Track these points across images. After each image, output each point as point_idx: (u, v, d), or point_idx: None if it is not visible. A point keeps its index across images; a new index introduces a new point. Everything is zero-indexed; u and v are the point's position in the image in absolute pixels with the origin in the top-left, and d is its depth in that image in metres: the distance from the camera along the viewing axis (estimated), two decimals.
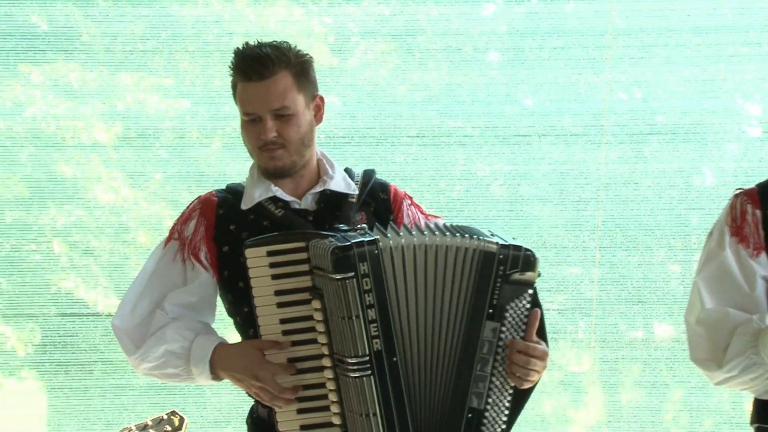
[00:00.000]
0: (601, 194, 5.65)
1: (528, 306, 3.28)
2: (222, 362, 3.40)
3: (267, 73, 3.39)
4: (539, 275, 3.32)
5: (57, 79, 5.71)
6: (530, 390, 3.35)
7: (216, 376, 3.43)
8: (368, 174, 3.58)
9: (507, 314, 3.25)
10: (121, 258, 5.73)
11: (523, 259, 3.25)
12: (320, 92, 3.60)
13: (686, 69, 5.73)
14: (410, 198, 3.59)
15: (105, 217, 5.71)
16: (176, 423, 4.04)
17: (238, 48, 3.44)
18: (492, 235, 3.32)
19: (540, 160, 5.71)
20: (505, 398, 3.30)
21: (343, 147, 5.60)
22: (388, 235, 3.22)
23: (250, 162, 3.63)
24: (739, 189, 3.48)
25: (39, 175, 5.71)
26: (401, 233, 3.24)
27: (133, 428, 4.03)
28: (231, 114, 5.38)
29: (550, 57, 5.74)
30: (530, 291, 3.28)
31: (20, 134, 5.69)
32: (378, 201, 3.51)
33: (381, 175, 3.67)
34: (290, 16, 5.75)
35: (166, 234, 3.65)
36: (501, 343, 3.26)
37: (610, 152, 5.68)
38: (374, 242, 3.18)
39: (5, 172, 5.70)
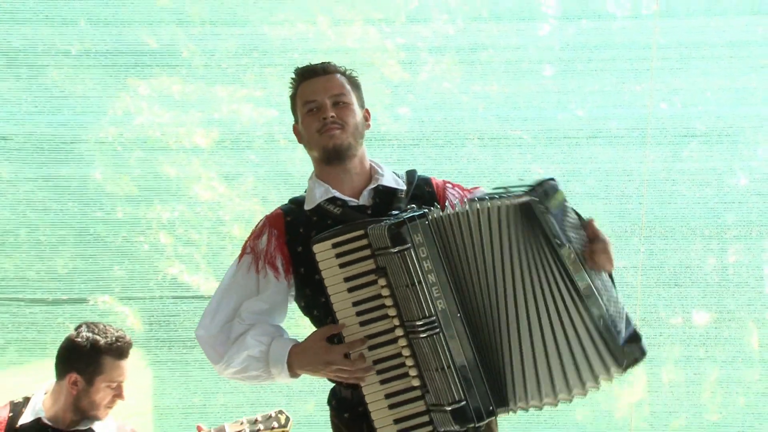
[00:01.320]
0: (644, 191, 5.62)
1: (575, 215, 3.28)
2: (296, 361, 3.41)
3: (329, 70, 3.53)
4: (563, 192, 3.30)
5: (161, 91, 5.74)
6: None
7: (293, 374, 3.45)
8: (411, 173, 3.60)
9: (568, 233, 3.22)
10: (218, 248, 5.75)
11: (549, 190, 3.23)
12: (393, 102, 3.62)
13: (721, 79, 5.70)
14: (450, 182, 3.61)
15: (204, 213, 5.76)
16: (282, 421, 4.12)
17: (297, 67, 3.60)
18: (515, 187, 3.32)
19: (588, 159, 5.68)
20: (609, 287, 3.31)
21: (412, 149, 5.60)
22: (433, 208, 3.29)
23: None
24: None
25: (146, 175, 5.74)
26: (447, 208, 3.29)
27: (245, 422, 4.11)
28: None
29: (598, 69, 5.73)
30: (567, 204, 3.27)
31: (130, 140, 5.73)
32: (425, 194, 3.51)
33: (447, 173, 3.73)
34: (366, 35, 5.76)
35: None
36: (581, 253, 3.23)
37: (652, 153, 5.63)
38: (424, 215, 3.23)
39: (117, 173, 5.72)
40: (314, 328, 3.48)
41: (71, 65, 5.70)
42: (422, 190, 3.54)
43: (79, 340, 4.25)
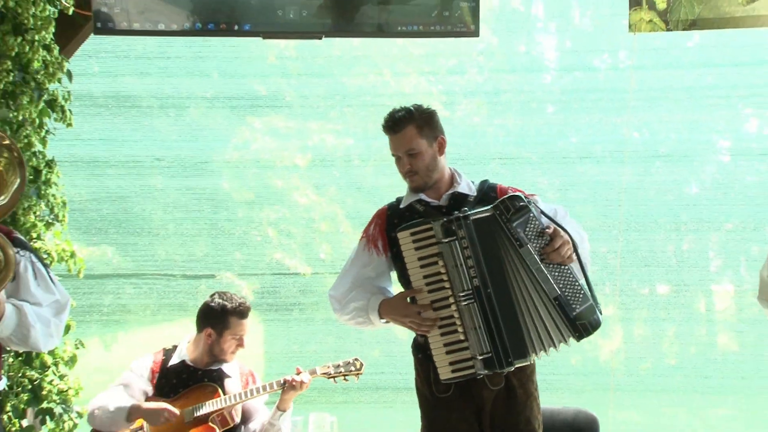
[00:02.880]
0: (622, 197, 5.66)
1: (537, 221, 3.35)
2: (384, 311, 3.55)
3: (398, 129, 3.55)
4: (530, 202, 3.37)
5: (270, 125, 5.83)
6: (581, 260, 3.40)
7: (385, 320, 3.59)
8: (482, 182, 3.66)
9: (528, 236, 3.34)
10: (310, 239, 5.85)
11: (510, 203, 3.37)
12: None
13: (679, 114, 5.73)
14: (512, 188, 3.61)
15: (300, 214, 5.84)
16: (357, 366, 4.31)
17: (387, 114, 3.60)
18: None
19: (581, 174, 5.75)
20: (568, 275, 3.37)
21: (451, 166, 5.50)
22: (474, 209, 3.39)
23: (392, 179, 3.76)
24: None
25: (259, 186, 5.85)
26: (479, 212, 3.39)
27: (330, 366, 4.31)
28: (380, 146, 5.31)
29: (588, 107, 5.77)
30: (531, 214, 3.35)
31: (248, 161, 5.83)
32: (490, 198, 3.52)
33: None
34: (418, 84, 5.81)
35: (340, 223, 3.85)
36: (538, 251, 3.35)
37: (628, 169, 5.68)
38: (467, 216, 3.37)
39: (238, 185, 5.83)
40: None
41: (206, 106, 5.79)
42: (488, 196, 3.54)
43: (213, 304, 4.40)
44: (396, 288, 3.69)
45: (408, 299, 3.52)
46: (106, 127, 5.70)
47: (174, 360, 4.43)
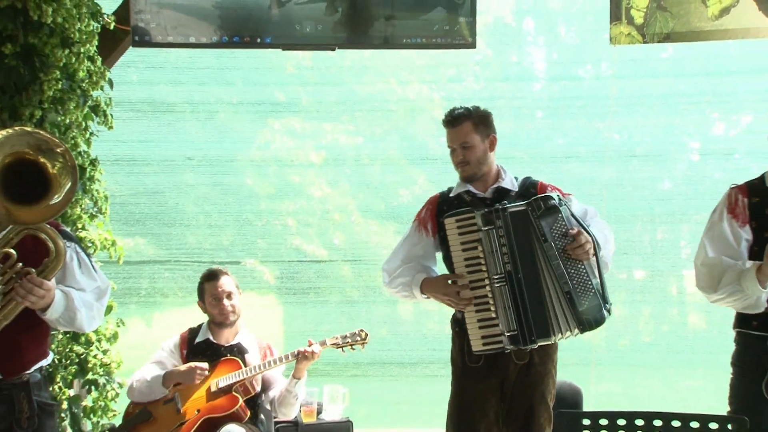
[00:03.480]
0: (603, 192, 5.68)
1: (564, 222, 3.36)
2: (426, 287, 3.58)
3: (456, 123, 3.61)
4: (562, 203, 3.39)
5: (288, 127, 5.86)
6: (599, 262, 3.36)
7: (426, 296, 3.61)
8: (524, 179, 3.68)
9: (552, 233, 3.35)
10: (325, 228, 5.87)
11: (543, 202, 3.40)
12: (438, 133, 3.72)
13: (654, 119, 5.78)
14: (551, 186, 3.62)
15: (316, 205, 5.88)
16: (363, 336, 4.27)
17: (447, 111, 3.64)
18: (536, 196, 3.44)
19: (567, 172, 5.76)
20: (583, 273, 3.37)
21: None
22: (514, 203, 3.42)
23: (396, 176, 3.80)
24: (734, 184, 3.33)
25: (279, 181, 5.86)
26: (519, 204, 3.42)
27: (338, 337, 4.28)
28: (387, 147, 5.55)
29: (573, 113, 5.82)
30: (559, 215, 3.37)
31: (269, 159, 5.88)
32: (530, 194, 3.54)
33: None
34: (421, 91, 5.85)
35: (351, 214, 3.87)
36: (559, 248, 3.34)
37: (609, 168, 5.71)
38: (505, 209, 3.40)
39: (260, 181, 5.86)
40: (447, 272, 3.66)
41: (232, 111, 5.83)
42: (528, 191, 3.57)
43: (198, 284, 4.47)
44: (440, 269, 3.73)
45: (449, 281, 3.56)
46: (143, 130, 5.74)
47: (199, 338, 4.45)
